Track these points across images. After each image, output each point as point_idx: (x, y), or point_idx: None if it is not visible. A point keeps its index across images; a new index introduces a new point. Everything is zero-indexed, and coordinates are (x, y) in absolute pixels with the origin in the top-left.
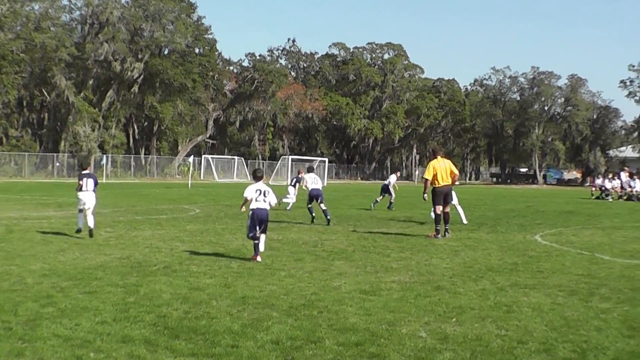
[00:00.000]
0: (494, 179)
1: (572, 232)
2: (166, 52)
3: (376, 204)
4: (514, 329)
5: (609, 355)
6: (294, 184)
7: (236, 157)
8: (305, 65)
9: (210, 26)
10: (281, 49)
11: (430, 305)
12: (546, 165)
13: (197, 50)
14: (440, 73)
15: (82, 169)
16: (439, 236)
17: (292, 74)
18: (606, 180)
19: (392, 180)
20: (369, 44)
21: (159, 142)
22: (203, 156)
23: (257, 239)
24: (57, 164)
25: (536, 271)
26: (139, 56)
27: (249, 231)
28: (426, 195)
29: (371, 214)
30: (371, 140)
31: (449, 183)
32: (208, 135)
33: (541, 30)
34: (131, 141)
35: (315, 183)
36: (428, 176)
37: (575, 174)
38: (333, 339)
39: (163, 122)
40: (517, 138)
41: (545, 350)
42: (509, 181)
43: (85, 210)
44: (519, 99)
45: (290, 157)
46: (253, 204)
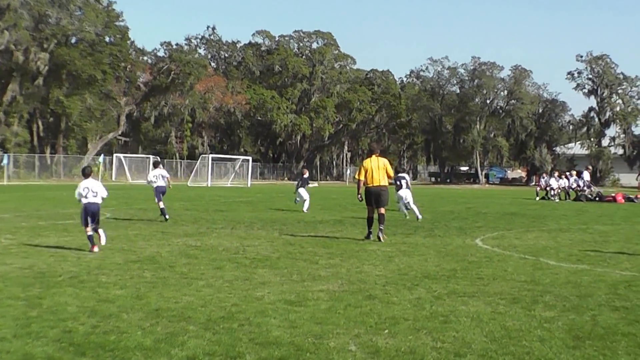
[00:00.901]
0: (433, 179)
1: (515, 235)
2: (74, 41)
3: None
4: (451, 341)
5: None
6: (302, 185)
7: (151, 156)
8: (227, 56)
9: (122, 12)
10: (200, 37)
11: (361, 316)
12: (488, 163)
13: (107, 39)
14: (374, 64)
15: None
16: (370, 238)
17: (212, 64)
18: (552, 179)
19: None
20: (295, 32)
21: (66, 139)
22: (115, 155)
23: (95, 230)
24: None
25: (476, 278)
26: (44, 46)
27: (82, 223)
28: (360, 196)
29: (298, 217)
30: (299, 137)
31: (382, 184)
32: (120, 132)
33: (482, 17)
34: (35, 139)
35: (161, 179)
36: (359, 176)
37: (520, 173)
38: (254, 354)
39: (70, 118)
40: (457, 134)
41: None
42: (448, 181)
43: None
44: (458, 92)
45: (211, 155)
46: (84, 200)
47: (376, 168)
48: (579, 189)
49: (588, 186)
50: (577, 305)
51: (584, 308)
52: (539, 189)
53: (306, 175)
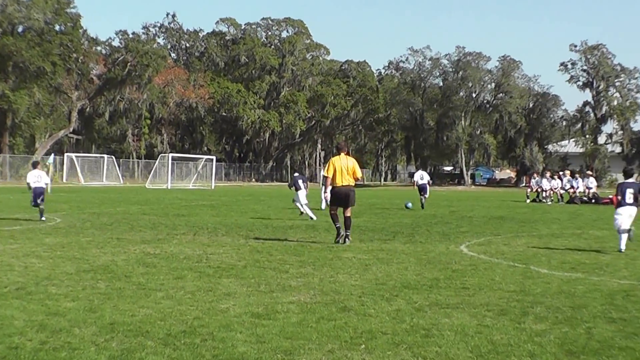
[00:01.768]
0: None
1: (503, 241)
2: (20, 30)
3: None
4: (433, 357)
5: None
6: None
7: (106, 156)
8: (188, 46)
9: None
10: (159, 25)
11: (335, 330)
12: (474, 163)
13: (57, 28)
14: (349, 54)
15: None
16: (339, 240)
17: (172, 55)
18: (544, 180)
19: (426, 177)
20: (263, 19)
21: (12, 137)
22: (66, 154)
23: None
24: None
25: (460, 288)
26: None
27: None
28: (327, 195)
29: (266, 222)
30: (267, 135)
31: (350, 184)
32: (72, 130)
33: (467, 3)
34: None
35: (39, 180)
36: (328, 173)
37: (509, 173)
38: None
39: (17, 114)
40: (439, 131)
41: None
42: (430, 182)
43: None
44: (441, 84)
45: (171, 155)
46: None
47: (345, 167)
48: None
49: (594, 195)
50: (571, 317)
51: (577, 320)
52: (529, 190)
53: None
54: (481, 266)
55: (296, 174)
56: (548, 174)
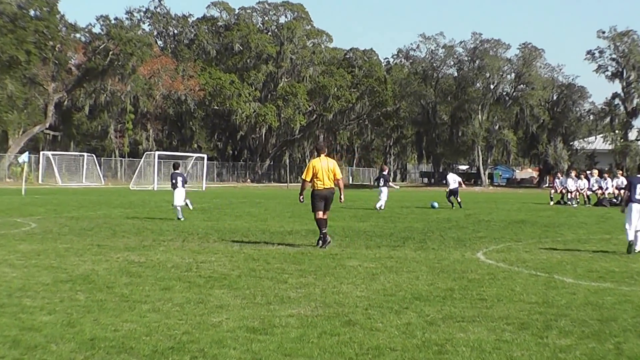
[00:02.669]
0: (425, 180)
1: (524, 247)
2: None
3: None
4: None
5: None
6: (384, 184)
7: (85, 154)
8: (176, 32)
9: None
10: (144, 10)
11: (339, 346)
12: (493, 161)
13: (32, 13)
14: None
15: None
16: (326, 245)
17: (159, 43)
18: (569, 180)
19: (457, 179)
20: (259, 3)
21: None
22: (42, 153)
23: None
24: None
25: (477, 299)
26: None
27: None
28: (302, 197)
29: (263, 227)
30: (264, 130)
31: (330, 186)
32: (48, 125)
33: None
34: None
35: None
36: (306, 177)
37: (531, 173)
38: None
39: None
40: (454, 126)
41: None
42: (444, 182)
43: None
44: (456, 75)
45: (157, 153)
46: None
47: (325, 169)
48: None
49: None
50: (599, 331)
51: (606, 334)
52: (553, 191)
53: (386, 171)
54: (500, 275)
55: (176, 171)
56: (574, 174)
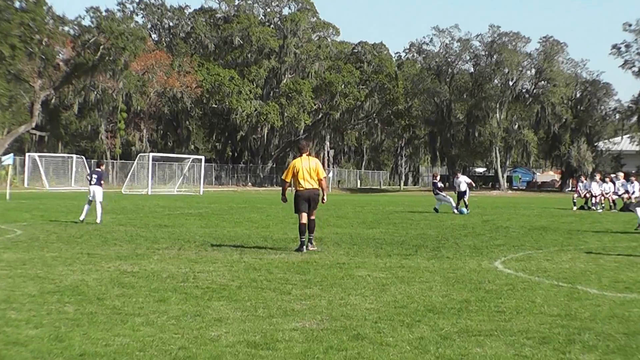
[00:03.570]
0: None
1: (545, 256)
2: None
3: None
4: None
5: None
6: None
7: (74, 156)
8: (172, 25)
9: None
10: (137, 1)
11: None
12: (512, 163)
13: (17, 5)
14: (362, 35)
15: None
16: (304, 249)
17: (153, 36)
18: (594, 184)
19: (467, 180)
20: None
21: None
22: (27, 154)
23: None
24: None
25: (495, 311)
26: None
27: None
28: (284, 198)
29: (264, 233)
30: (266, 130)
31: (314, 187)
32: (34, 125)
33: None
34: None
35: None
36: (286, 177)
37: (552, 176)
38: None
39: None
40: (470, 126)
41: None
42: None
43: None
44: (472, 70)
45: (152, 154)
46: None
47: (307, 169)
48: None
49: None
50: (625, 346)
51: (633, 349)
52: (576, 196)
53: (437, 178)
54: (519, 286)
55: (97, 169)
56: (598, 177)
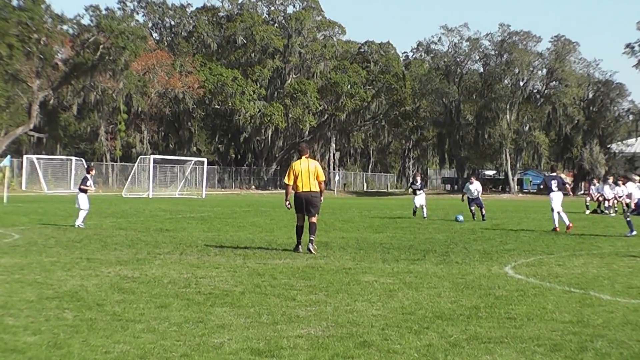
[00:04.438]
0: (448, 186)
1: (557, 261)
2: None
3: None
4: None
5: None
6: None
7: (74, 158)
8: (174, 24)
9: None
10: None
11: None
12: (522, 165)
13: (15, 3)
14: (369, 34)
15: None
16: (300, 250)
17: (154, 35)
18: (607, 187)
19: (479, 188)
20: None
21: None
22: (25, 156)
23: None
24: None
25: (505, 318)
26: None
27: None
28: (288, 203)
29: (269, 238)
30: (270, 132)
31: (313, 189)
32: (32, 126)
33: None
34: None
35: None
36: (288, 180)
37: (565, 178)
38: None
39: None
40: (480, 127)
41: None
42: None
43: None
44: (481, 70)
45: (153, 156)
46: None
47: (306, 171)
48: None
49: None
50: (639, 353)
51: None
52: (589, 199)
53: (418, 180)
54: (530, 292)
55: (88, 175)
56: (611, 180)
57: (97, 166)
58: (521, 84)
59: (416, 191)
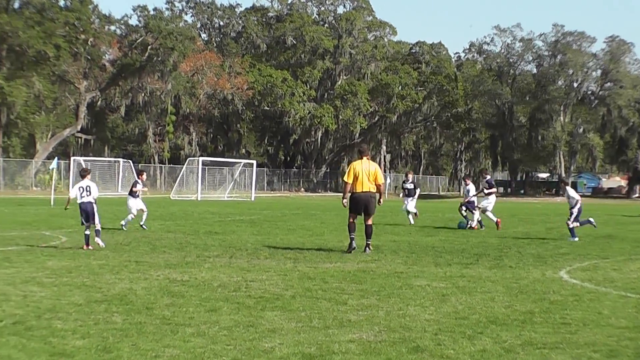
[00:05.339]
0: (501, 189)
1: (612, 265)
2: (17, 6)
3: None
4: None
5: None
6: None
7: (121, 160)
8: (222, 24)
9: None
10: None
11: None
12: (576, 168)
13: (62, 3)
14: (420, 35)
15: None
16: (351, 251)
17: (203, 36)
18: None
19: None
20: None
21: (7, 138)
22: (72, 158)
23: (87, 228)
24: None
25: (560, 323)
26: None
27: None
28: (346, 201)
29: (319, 242)
30: (320, 134)
31: (371, 190)
32: (79, 128)
33: None
34: None
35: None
36: (348, 179)
37: (619, 181)
38: None
39: (13, 109)
40: (533, 129)
41: None
42: (522, 192)
43: None
44: (535, 71)
45: (201, 158)
46: (79, 199)
47: (365, 172)
48: None
49: None
50: None
51: None
52: None
53: (409, 179)
54: (585, 297)
55: (138, 179)
56: None
57: (144, 168)
58: (575, 85)
59: (410, 192)
